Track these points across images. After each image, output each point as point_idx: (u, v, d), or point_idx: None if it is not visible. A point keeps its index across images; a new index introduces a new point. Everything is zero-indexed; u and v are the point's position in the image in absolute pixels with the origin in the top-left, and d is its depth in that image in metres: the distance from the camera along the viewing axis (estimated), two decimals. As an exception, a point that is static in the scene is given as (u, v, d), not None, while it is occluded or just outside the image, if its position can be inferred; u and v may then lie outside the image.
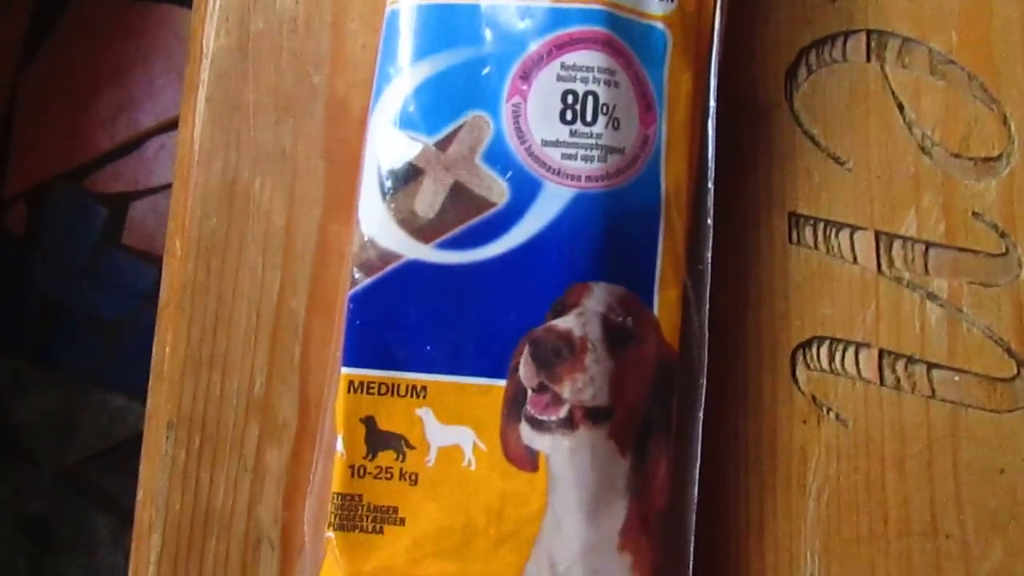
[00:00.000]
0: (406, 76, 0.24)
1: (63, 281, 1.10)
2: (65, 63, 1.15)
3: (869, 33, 0.27)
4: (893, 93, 0.27)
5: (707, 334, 0.24)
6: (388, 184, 0.24)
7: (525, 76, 0.24)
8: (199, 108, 0.29)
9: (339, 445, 0.24)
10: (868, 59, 0.27)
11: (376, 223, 0.24)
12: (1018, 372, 0.25)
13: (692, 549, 0.24)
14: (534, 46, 0.24)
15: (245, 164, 0.28)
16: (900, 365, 0.25)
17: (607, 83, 0.24)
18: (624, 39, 0.24)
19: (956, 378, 0.25)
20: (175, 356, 0.28)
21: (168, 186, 1.10)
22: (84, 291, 1.09)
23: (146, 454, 0.28)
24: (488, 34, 0.24)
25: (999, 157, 0.26)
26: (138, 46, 1.14)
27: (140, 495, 0.28)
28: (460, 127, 0.24)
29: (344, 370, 0.24)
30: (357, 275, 0.24)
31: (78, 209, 1.11)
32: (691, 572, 0.24)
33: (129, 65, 1.14)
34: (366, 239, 0.24)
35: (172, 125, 1.12)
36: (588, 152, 0.23)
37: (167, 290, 0.29)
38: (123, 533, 1.02)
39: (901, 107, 0.27)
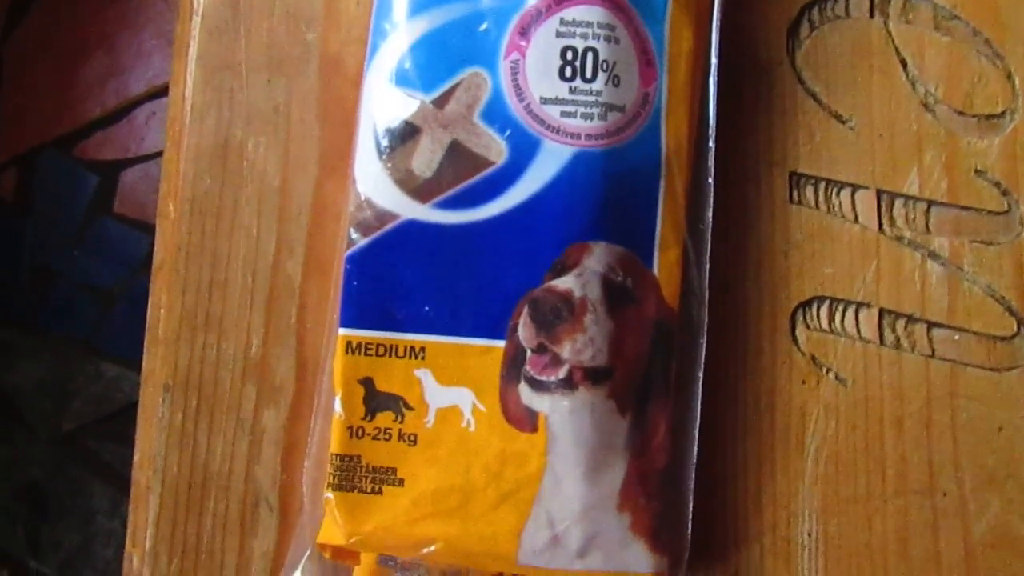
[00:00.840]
0: (402, 32, 0.24)
1: (55, 249, 1.09)
2: (52, 29, 1.13)
3: (873, -8, 0.27)
4: (896, 49, 0.26)
5: (707, 294, 0.24)
6: (384, 143, 0.24)
7: (524, 32, 0.23)
8: (190, 67, 0.29)
9: (337, 406, 0.24)
10: (871, 15, 0.27)
11: (372, 182, 0.24)
12: (1018, 330, 0.25)
13: (691, 508, 0.24)
14: (532, 1, 0.23)
15: (238, 124, 0.28)
16: (900, 324, 0.25)
17: (607, 39, 0.23)
18: (625, -6, 0.24)
19: (956, 337, 0.25)
20: (170, 318, 0.27)
21: (159, 153, 1.09)
22: (76, 259, 1.08)
23: (142, 416, 0.28)
24: (485, -11, 0.24)
25: (1003, 114, 0.26)
26: (126, 11, 1.12)
27: (137, 457, 0.28)
28: (457, 84, 0.23)
29: (342, 331, 0.24)
30: (354, 235, 0.24)
31: (68, 176, 1.10)
32: (690, 531, 0.24)
33: (117, 30, 1.12)
34: (362, 199, 0.24)
35: (162, 91, 1.11)
36: (588, 110, 0.23)
37: (161, 252, 0.29)
38: (120, 500, 1.02)
39: (904, 64, 0.26)
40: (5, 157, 1.11)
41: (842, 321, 0.26)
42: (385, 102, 0.24)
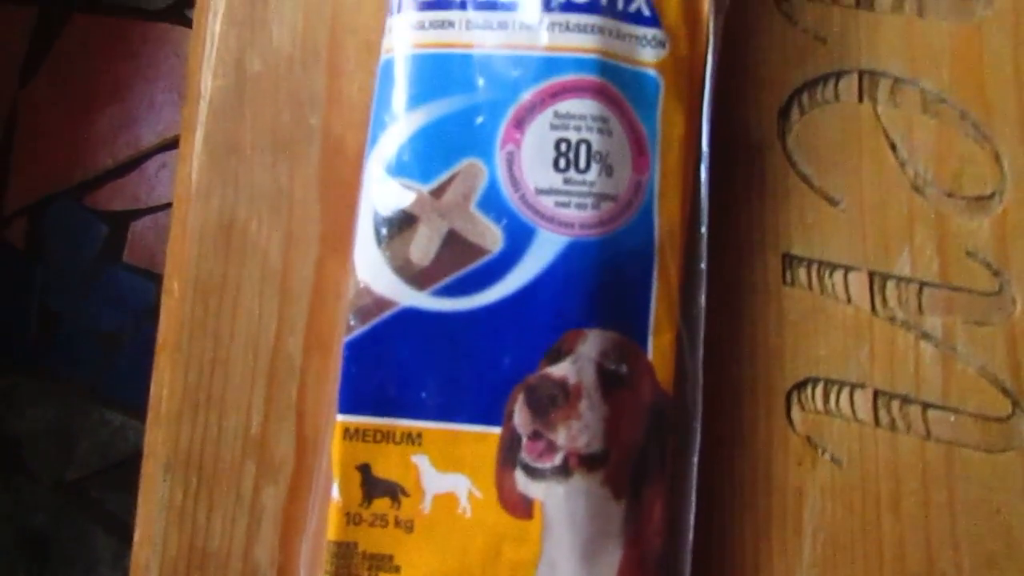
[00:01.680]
0: (401, 124, 0.25)
1: (63, 296, 1.10)
2: (66, 80, 1.15)
3: (861, 73, 0.27)
4: (885, 132, 0.27)
5: (701, 377, 0.25)
6: (383, 231, 0.24)
7: (519, 124, 0.24)
8: (197, 148, 0.29)
9: (335, 492, 0.24)
10: (860, 99, 0.27)
11: (371, 270, 0.24)
12: (1013, 411, 0.25)
13: (688, 589, 0.24)
14: (527, 94, 0.24)
15: (242, 204, 0.29)
16: (895, 405, 0.26)
17: (600, 131, 0.24)
18: (617, 86, 0.24)
19: (951, 418, 0.25)
20: (173, 396, 0.28)
21: (169, 204, 1.10)
22: (84, 306, 1.09)
23: (143, 495, 0.28)
24: (481, 82, 0.24)
25: (992, 195, 0.26)
26: (138, 64, 1.14)
27: (137, 536, 0.28)
28: (455, 174, 0.24)
29: (340, 417, 0.24)
30: (352, 322, 0.24)
31: (79, 225, 1.12)
32: (686, 613, 0.24)
33: (129, 82, 1.14)
34: (361, 286, 0.24)
35: (173, 143, 1.13)
36: (582, 200, 0.23)
37: (165, 330, 0.29)
38: (123, 551, 1.02)
39: (894, 146, 0.27)
40: (17, 205, 1.12)
41: (837, 402, 0.26)
42: (384, 192, 0.24)
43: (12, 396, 1.08)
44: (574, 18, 0.24)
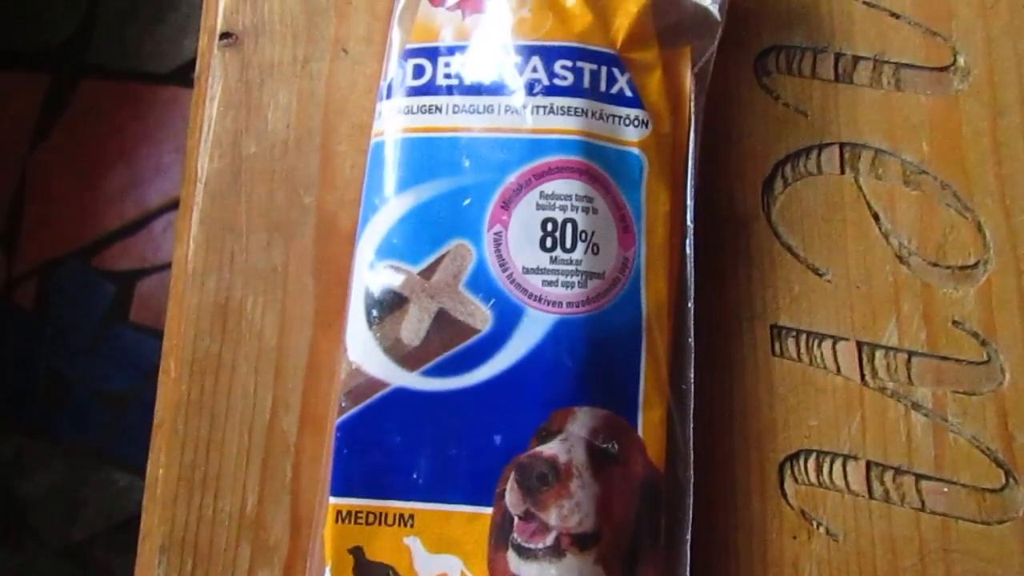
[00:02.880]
0: (391, 206, 0.25)
1: (70, 356, 1.11)
2: (75, 143, 1.18)
3: (842, 146, 0.28)
4: (868, 204, 0.27)
5: (692, 452, 0.25)
6: (374, 312, 0.25)
7: (505, 205, 0.24)
8: (193, 230, 0.30)
9: (327, 574, 0.24)
10: (842, 171, 0.28)
11: (362, 351, 0.24)
12: (1007, 482, 0.25)
13: (684, 673, 0.23)
14: (513, 176, 0.24)
15: (238, 283, 0.29)
16: (888, 477, 0.25)
17: (585, 210, 0.24)
18: (601, 166, 0.25)
19: (945, 489, 0.25)
20: (168, 477, 0.28)
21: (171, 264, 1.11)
22: (90, 366, 1.09)
23: (139, 571, 0.28)
24: (468, 165, 0.25)
25: (976, 264, 0.27)
26: (146, 126, 1.17)
27: (133, 615, 0.28)
28: (444, 255, 0.24)
29: (332, 500, 0.24)
30: (344, 403, 0.24)
31: (86, 286, 1.13)
32: None
33: (137, 144, 1.16)
34: (353, 367, 0.24)
35: (179, 203, 1.14)
36: (568, 278, 0.24)
37: (161, 410, 0.29)
38: (128, 613, 1.01)
39: (877, 217, 0.27)
40: (27, 267, 1.14)
41: (830, 474, 0.26)
42: (374, 274, 0.25)
43: (20, 458, 1.08)
44: (558, 101, 0.25)
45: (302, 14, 0.31)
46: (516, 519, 0.23)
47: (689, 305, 0.25)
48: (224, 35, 0.31)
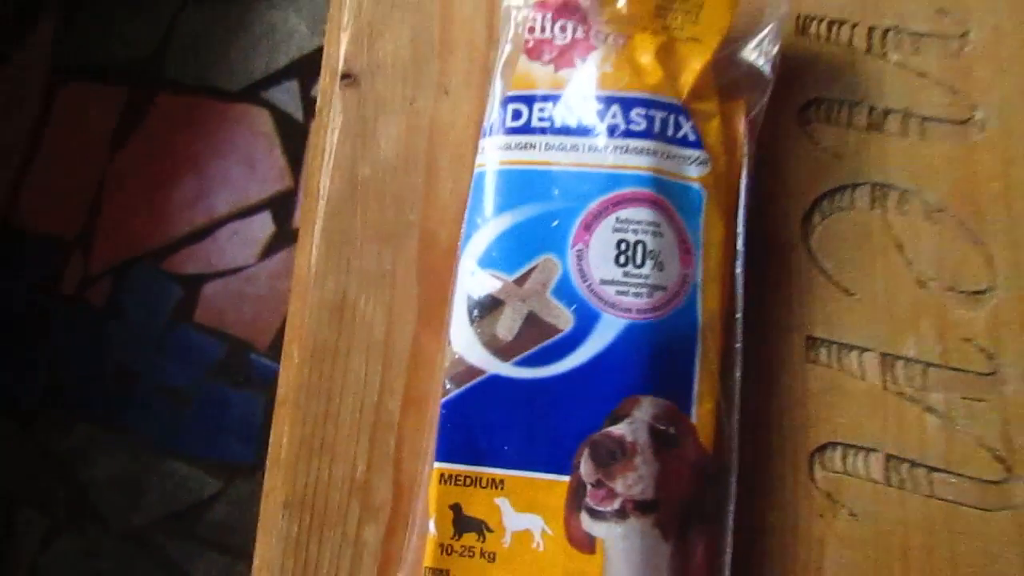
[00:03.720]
0: (490, 225, 0.30)
1: (137, 352, 1.18)
2: (149, 153, 1.25)
3: (872, 186, 0.33)
4: (894, 236, 0.32)
5: (737, 439, 0.29)
6: (475, 312, 0.30)
7: (587, 227, 0.29)
8: (315, 239, 0.35)
9: (431, 527, 0.29)
10: (872, 207, 0.32)
11: (464, 343, 0.30)
12: (1006, 476, 0.29)
13: (725, 623, 0.28)
14: (594, 204, 0.30)
15: (352, 285, 0.35)
16: (904, 468, 0.30)
17: (654, 233, 0.29)
18: (667, 197, 0.30)
19: (952, 480, 0.30)
20: (290, 446, 0.33)
21: (238, 269, 1.19)
22: (156, 362, 1.16)
23: (262, 528, 0.34)
24: (556, 193, 0.30)
25: (985, 291, 0.31)
26: (215, 140, 1.24)
27: (257, 561, 0.33)
28: (534, 267, 0.30)
29: (436, 464, 0.29)
30: (448, 386, 0.29)
31: (155, 287, 1.20)
32: (724, 643, 0.28)
33: (207, 157, 1.24)
34: (456, 356, 0.30)
35: (244, 213, 1.22)
36: (638, 290, 0.29)
37: (284, 389, 0.35)
38: (183, 596, 1.07)
39: (901, 247, 0.32)
40: (102, 267, 1.22)
41: (854, 464, 0.30)
42: (476, 280, 0.30)
43: (87, 446, 1.15)
44: (633, 143, 0.30)
45: (410, 59, 0.37)
46: (589, 487, 0.28)
47: (738, 316, 0.30)
48: (344, 76, 0.37)
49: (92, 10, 1.32)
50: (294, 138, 1.22)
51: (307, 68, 1.22)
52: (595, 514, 0.28)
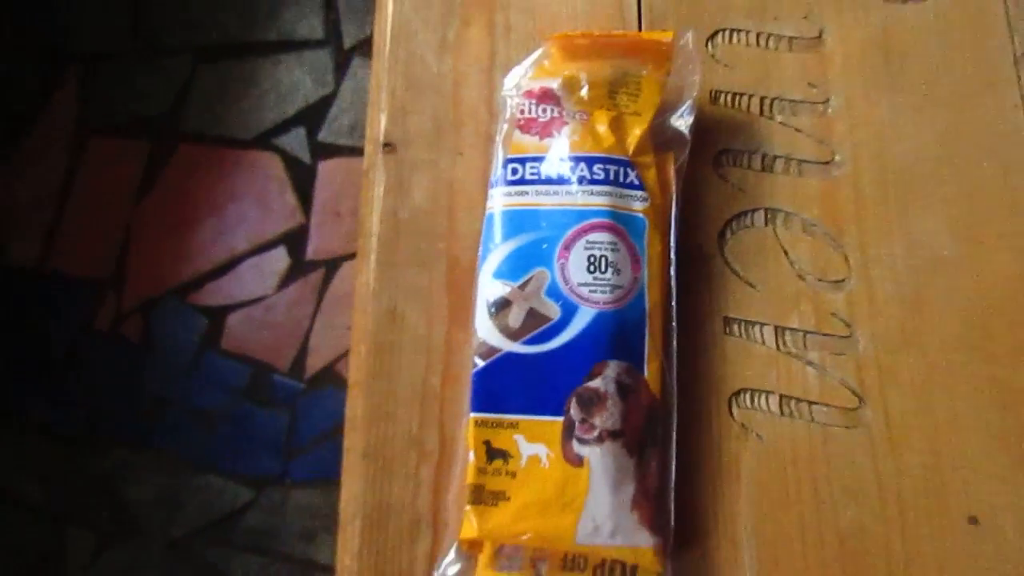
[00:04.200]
0: (499, 249, 0.44)
1: (169, 379, 1.30)
2: (172, 198, 1.38)
3: (766, 210, 0.46)
4: (781, 245, 0.46)
5: (675, 389, 0.43)
6: (492, 309, 0.43)
7: (567, 247, 0.43)
8: (371, 266, 0.49)
9: (471, 457, 0.42)
10: (766, 225, 0.46)
11: (486, 331, 0.43)
12: (859, 404, 0.43)
13: (672, 512, 0.41)
14: (570, 231, 0.43)
15: (399, 298, 0.48)
16: (792, 403, 0.43)
17: (612, 250, 0.43)
18: (621, 224, 0.43)
19: (824, 409, 0.43)
20: (363, 414, 0.46)
21: (259, 299, 1.31)
22: (186, 388, 1.28)
23: (346, 473, 0.46)
24: (544, 225, 0.44)
25: (843, 280, 0.45)
26: (232, 183, 1.38)
27: (344, 495, 0.46)
28: (531, 277, 0.43)
29: (472, 414, 0.42)
30: (477, 361, 0.43)
31: (183, 319, 1.33)
32: (672, 525, 0.41)
33: (225, 199, 1.37)
34: (480, 340, 0.43)
35: (261, 248, 1.35)
36: (603, 289, 0.42)
37: (355, 374, 0.48)
38: (223, 597, 1.18)
39: (786, 252, 0.46)
40: (132, 304, 1.34)
41: (758, 402, 0.44)
42: (492, 288, 0.43)
43: (127, 468, 1.26)
44: (595, 188, 0.44)
45: (433, 132, 0.51)
46: (576, 423, 0.41)
47: (673, 304, 0.44)
48: (385, 145, 0.51)
49: (112, 70, 1.45)
50: (303, 179, 1.35)
51: (312, 116, 1.36)
52: (581, 441, 0.41)
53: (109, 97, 1.45)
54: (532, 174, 0.45)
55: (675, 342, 0.43)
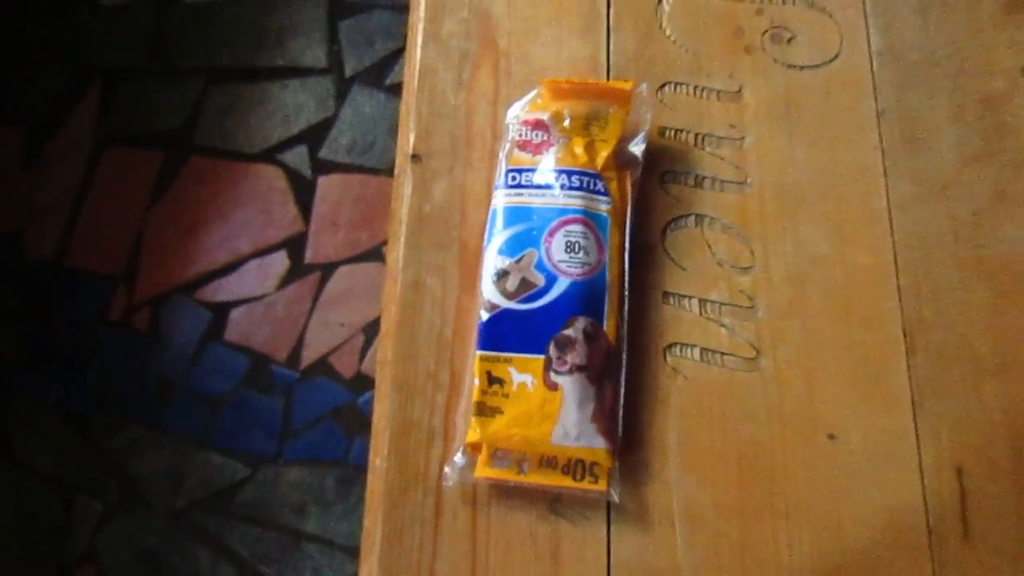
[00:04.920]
0: (500, 235, 0.60)
1: (175, 367, 1.43)
2: (182, 204, 1.52)
3: (696, 216, 0.63)
4: (706, 240, 0.63)
5: (626, 339, 0.59)
6: (494, 278, 0.59)
7: (551, 234, 0.59)
8: (401, 248, 0.65)
9: (476, 382, 0.57)
10: (696, 226, 0.63)
11: (489, 293, 0.59)
12: (756, 355, 0.60)
13: (620, 423, 0.57)
14: (554, 223, 0.59)
15: (422, 272, 0.64)
16: (710, 354, 0.60)
17: (584, 237, 0.59)
18: (591, 220, 0.60)
19: (732, 359, 0.60)
20: (393, 356, 0.62)
21: (260, 296, 1.45)
22: (192, 374, 1.41)
23: (379, 400, 0.62)
24: (535, 218, 0.60)
25: (749, 267, 0.62)
26: (237, 192, 1.52)
27: (376, 413, 0.61)
28: (524, 255, 0.59)
29: (478, 352, 0.58)
30: (483, 314, 0.59)
31: (189, 313, 1.46)
32: (620, 435, 0.57)
33: (230, 206, 1.51)
34: (486, 299, 0.59)
35: (263, 251, 1.49)
36: (576, 265, 0.58)
37: (386, 325, 0.63)
38: (219, 562, 1.30)
39: (710, 246, 0.62)
40: (142, 298, 1.46)
41: (685, 352, 0.60)
42: (494, 262, 0.59)
43: (135, 444, 1.38)
44: (573, 193, 0.60)
45: (449, 148, 0.67)
46: (553, 360, 0.57)
47: (626, 280, 0.60)
48: (413, 156, 0.67)
49: (131, 86, 1.59)
50: (304, 191, 1.50)
51: (314, 136, 1.52)
52: (557, 372, 0.57)
53: (127, 110, 1.59)
54: (526, 181, 0.61)
55: (627, 306, 0.60)
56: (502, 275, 0.59)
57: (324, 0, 1.56)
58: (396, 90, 1.51)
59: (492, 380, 0.58)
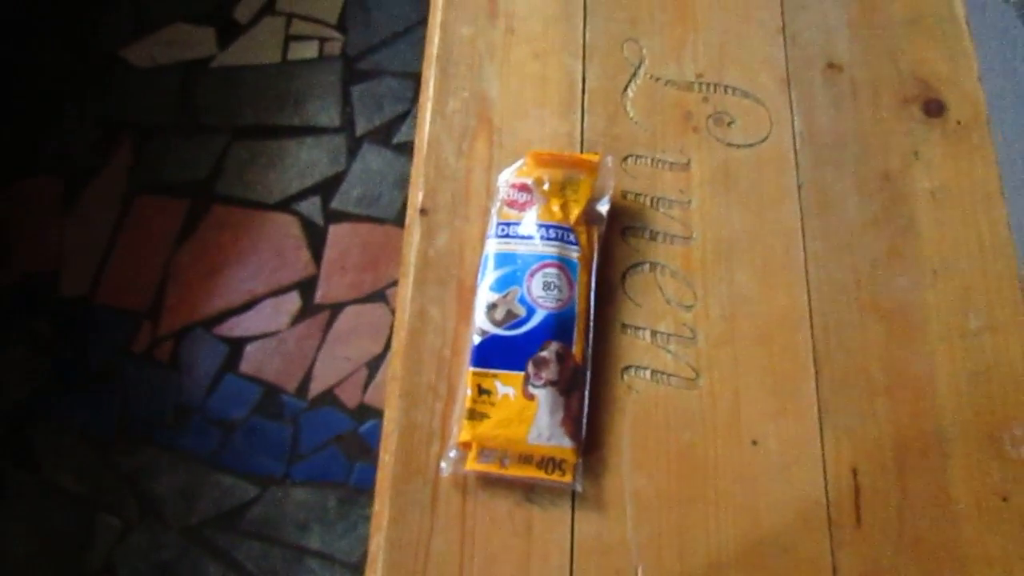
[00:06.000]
0: (491, 274, 0.74)
1: (193, 395, 1.56)
2: (204, 248, 1.66)
3: (650, 263, 0.78)
4: (658, 284, 0.77)
5: (591, 361, 0.73)
6: (485, 309, 0.73)
7: (531, 275, 0.74)
8: (410, 284, 0.79)
9: (468, 392, 0.71)
10: (650, 272, 0.78)
11: (481, 322, 0.73)
12: (696, 377, 0.74)
13: (584, 428, 0.71)
14: (534, 266, 0.74)
15: (427, 300, 0.78)
16: (658, 375, 0.74)
17: (558, 277, 0.74)
18: (564, 264, 0.74)
19: (675, 379, 0.74)
20: (402, 376, 0.76)
21: (274, 332, 1.59)
22: (207, 403, 1.54)
23: (388, 404, 0.75)
24: (519, 262, 0.74)
25: (692, 305, 0.76)
26: (256, 238, 1.67)
27: (387, 417, 0.75)
28: (510, 291, 0.74)
29: (471, 368, 0.72)
30: (475, 339, 0.73)
31: (207, 347, 1.59)
32: (584, 436, 0.71)
33: (248, 251, 1.66)
34: (477, 326, 0.73)
35: (277, 292, 1.63)
36: (551, 300, 0.73)
37: (396, 346, 0.77)
38: (228, 575, 1.41)
39: (661, 288, 0.77)
40: (165, 332, 1.60)
41: (639, 374, 0.74)
42: (485, 297, 0.74)
43: (153, 466, 1.50)
44: (550, 242, 0.75)
45: (451, 204, 0.82)
46: (531, 375, 0.71)
47: (591, 313, 0.74)
48: (421, 210, 0.82)
49: (161, 140, 1.75)
50: (316, 238, 1.65)
51: (327, 188, 1.67)
52: (534, 386, 0.71)
53: (157, 162, 1.75)
54: (513, 232, 0.76)
55: (592, 334, 0.74)
56: (492, 307, 0.73)
57: (339, 67, 1.74)
58: (402, 148, 1.68)
59: (481, 391, 0.72)
